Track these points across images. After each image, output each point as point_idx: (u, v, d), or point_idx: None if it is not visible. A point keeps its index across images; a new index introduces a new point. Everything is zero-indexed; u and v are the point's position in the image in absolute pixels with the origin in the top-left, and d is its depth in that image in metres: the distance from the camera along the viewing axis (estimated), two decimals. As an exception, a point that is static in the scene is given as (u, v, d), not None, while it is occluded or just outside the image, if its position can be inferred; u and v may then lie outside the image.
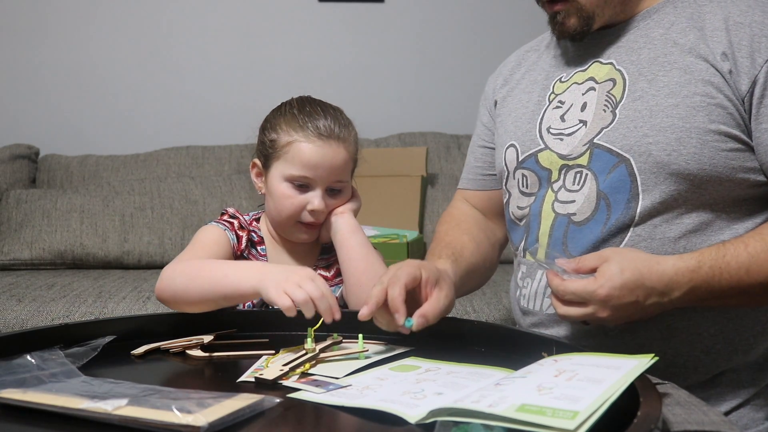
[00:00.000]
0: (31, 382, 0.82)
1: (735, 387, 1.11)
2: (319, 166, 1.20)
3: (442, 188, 2.66)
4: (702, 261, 1.00)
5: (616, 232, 1.09)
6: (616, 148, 1.10)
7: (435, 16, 3.01)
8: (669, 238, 1.08)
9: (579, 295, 0.98)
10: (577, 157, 1.14)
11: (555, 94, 1.22)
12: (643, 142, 1.08)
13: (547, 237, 1.16)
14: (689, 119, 1.06)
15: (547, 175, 1.18)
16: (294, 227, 1.24)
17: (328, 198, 1.23)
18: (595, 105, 1.14)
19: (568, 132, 1.16)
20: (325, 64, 2.98)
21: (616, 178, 1.09)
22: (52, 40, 2.91)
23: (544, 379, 0.73)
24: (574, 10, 1.14)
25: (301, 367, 0.90)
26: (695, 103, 1.06)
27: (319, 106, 1.25)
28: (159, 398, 0.75)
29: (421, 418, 0.71)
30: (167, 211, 2.53)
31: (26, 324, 1.88)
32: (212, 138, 2.88)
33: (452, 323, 1.09)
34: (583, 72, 1.19)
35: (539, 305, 1.17)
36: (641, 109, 1.09)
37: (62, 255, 2.43)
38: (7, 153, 2.69)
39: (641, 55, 1.13)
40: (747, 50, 1.05)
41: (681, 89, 1.08)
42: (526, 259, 1.21)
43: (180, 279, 1.10)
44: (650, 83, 1.10)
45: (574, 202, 1.14)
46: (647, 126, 1.08)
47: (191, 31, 2.95)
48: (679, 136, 1.06)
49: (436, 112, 3.00)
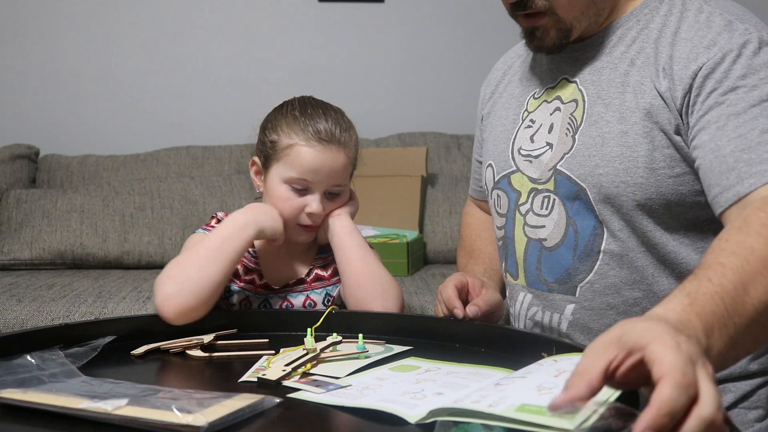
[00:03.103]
0: (31, 382, 0.82)
1: (723, 392, 1.10)
2: (319, 171, 1.20)
3: (442, 188, 2.66)
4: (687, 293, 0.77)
5: (585, 258, 1.08)
6: (574, 176, 1.08)
7: (435, 16, 3.01)
8: (637, 266, 1.06)
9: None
10: (545, 182, 1.12)
11: (528, 111, 1.19)
12: (595, 173, 1.05)
13: (522, 261, 1.16)
14: (635, 148, 1.03)
15: (516, 197, 1.17)
16: (292, 229, 1.24)
17: (327, 201, 1.23)
18: (560, 128, 1.12)
19: (536, 154, 1.14)
20: (325, 64, 2.98)
21: (579, 206, 1.08)
22: (52, 40, 2.91)
23: (544, 380, 0.73)
24: (553, 23, 1.08)
25: (303, 367, 0.90)
26: (640, 130, 1.03)
27: (320, 107, 1.24)
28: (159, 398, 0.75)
29: (421, 418, 0.71)
30: (167, 211, 2.53)
31: (26, 324, 1.88)
32: (212, 138, 2.88)
33: (452, 323, 1.09)
34: (552, 89, 1.16)
35: (522, 326, 1.18)
36: (595, 135, 1.07)
37: (62, 255, 2.43)
38: (7, 153, 2.69)
39: (602, 75, 1.09)
40: (684, 62, 1.00)
41: (630, 115, 1.04)
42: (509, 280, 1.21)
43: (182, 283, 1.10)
44: (606, 107, 1.07)
45: (544, 227, 1.12)
46: (599, 155, 1.05)
47: (191, 31, 2.95)
48: (626, 167, 1.03)
49: (436, 112, 3.00)
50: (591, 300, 1.09)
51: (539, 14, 1.08)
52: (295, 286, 1.27)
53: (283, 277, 1.27)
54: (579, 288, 1.09)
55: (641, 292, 1.07)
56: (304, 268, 1.29)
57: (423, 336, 1.08)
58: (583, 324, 1.10)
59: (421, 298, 2.00)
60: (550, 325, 1.13)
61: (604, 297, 1.08)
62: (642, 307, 1.07)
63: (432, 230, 2.58)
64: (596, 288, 1.08)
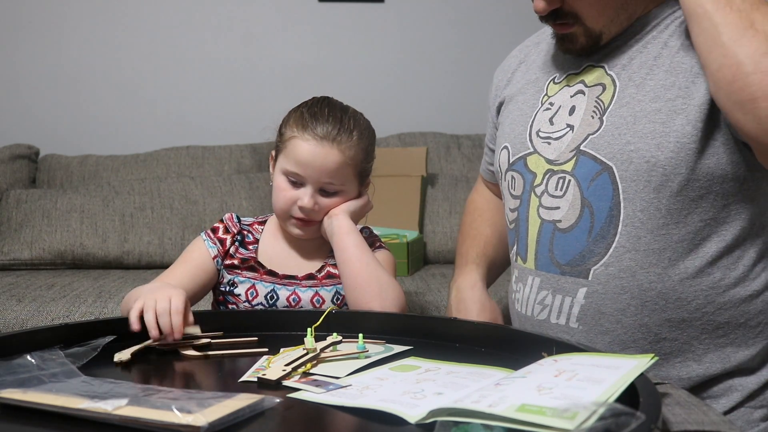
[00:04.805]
0: (31, 382, 0.82)
1: (729, 390, 1.11)
2: (310, 165, 1.23)
3: (442, 188, 2.66)
4: None
5: (600, 240, 1.09)
6: (601, 155, 1.09)
7: (435, 16, 3.01)
8: (653, 249, 1.07)
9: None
10: (564, 163, 1.13)
11: (548, 95, 1.21)
12: (626, 150, 1.06)
13: (534, 243, 1.16)
14: (669, 123, 1.04)
15: (532, 178, 1.17)
16: (288, 221, 1.28)
17: (321, 198, 1.25)
18: (584, 110, 1.13)
19: (556, 136, 1.15)
20: (325, 64, 2.98)
21: (599, 186, 1.08)
22: (52, 40, 2.91)
23: (544, 379, 0.73)
24: (582, 32, 1.11)
25: (303, 367, 0.90)
26: (676, 107, 1.05)
27: (327, 107, 1.27)
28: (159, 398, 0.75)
29: (421, 418, 0.71)
30: (167, 211, 2.53)
31: (26, 324, 1.88)
32: (212, 138, 2.88)
33: (452, 323, 1.09)
34: (575, 75, 1.18)
35: (530, 311, 1.17)
36: (626, 115, 1.08)
37: (62, 255, 2.42)
38: (7, 153, 2.69)
39: (633, 59, 1.11)
40: None
41: (665, 92, 1.06)
42: (518, 263, 1.21)
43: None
44: (638, 88, 1.09)
45: (559, 208, 1.13)
46: (630, 133, 1.07)
47: (191, 31, 2.95)
48: (658, 142, 1.04)
49: (436, 112, 3.00)
50: (605, 283, 1.09)
51: (568, 24, 1.11)
52: (305, 280, 1.28)
53: (292, 267, 1.29)
54: (592, 271, 1.09)
55: (656, 275, 1.07)
56: (316, 264, 1.30)
57: (423, 336, 1.07)
58: (595, 308, 1.09)
59: (421, 298, 2.00)
60: (560, 309, 1.12)
61: (619, 280, 1.08)
62: (656, 291, 1.07)
63: (432, 230, 2.58)
64: (610, 271, 1.08)
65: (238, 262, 1.29)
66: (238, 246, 1.30)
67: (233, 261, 1.29)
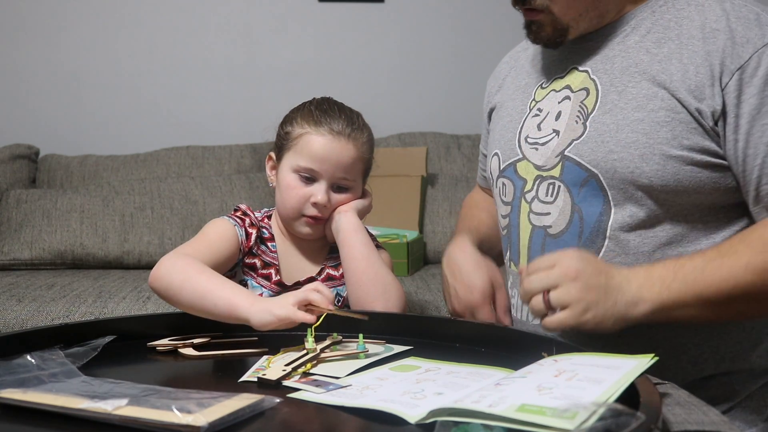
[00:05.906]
0: (31, 382, 0.82)
1: (725, 390, 1.10)
2: (326, 160, 1.22)
3: (442, 188, 2.66)
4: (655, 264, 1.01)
5: (590, 244, 1.08)
6: (585, 162, 1.08)
7: (435, 17, 3.01)
8: (643, 252, 1.06)
9: (546, 260, 0.99)
10: (551, 168, 1.13)
11: (535, 101, 1.21)
12: (609, 159, 1.06)
13: (526, 249, 1.16)
14: (653, 135, 1.04)
15: (522, 184, 1.17)
16: (298, 221, 1.25)
17: (333, 194, 1.25)
18: (569, 115, 1.13)
19: (542, 141, 1.15)
20: (325, 63, 2.98)
21: (588, 192, 1.08)
22: (52, 40, 2.91)
23: (544, 379, 0.73)
24: (549, 21, 1.11)
25: (303, 367, 0.90)
26: (659, 118, 1.04)
27: (336, 106, 1.28)
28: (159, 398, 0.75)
29: (421, 418, 0.71)
30: (167, 211, 2.53)
31: (26, 324, 1.88)
32: (212, 138, 2.88)
33: (452, 323, 1.09)
34: (561, 79, 1.17)
35: (526, 316, 1.17)
36: (609, 123, 1.07)
37: (62, 255, 2.43)
38: (7, 153, 2.69)
39: (615, 63, 1.11)
40: (719, 58, 1.02)
41: (647, 102, 1.05)
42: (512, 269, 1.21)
43: (177, 276, 1.09)
44: (620, 95, 1.08)
45: (549, 214, 1.13)
46: (613, 141, 1.06)
47: (191, 31, 2.95)
48: (642, 153, 1.04)
49: (436, 112, 3.00)
50: None
51: (537, 10, 1.11)
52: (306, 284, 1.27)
53: (295, 274, 1.28)
54: None
55: None
56: (315, 267, 1.30)
57: (423, 336, 1.07)
58: None
59: (421, 298, 2.00)
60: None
61: None
62: None
63: (432, 230, 2.58)
64: None
65: (260, 264, 1.27)
66: (259, 244, 1.28)
67: (254, 261, 1.26)
